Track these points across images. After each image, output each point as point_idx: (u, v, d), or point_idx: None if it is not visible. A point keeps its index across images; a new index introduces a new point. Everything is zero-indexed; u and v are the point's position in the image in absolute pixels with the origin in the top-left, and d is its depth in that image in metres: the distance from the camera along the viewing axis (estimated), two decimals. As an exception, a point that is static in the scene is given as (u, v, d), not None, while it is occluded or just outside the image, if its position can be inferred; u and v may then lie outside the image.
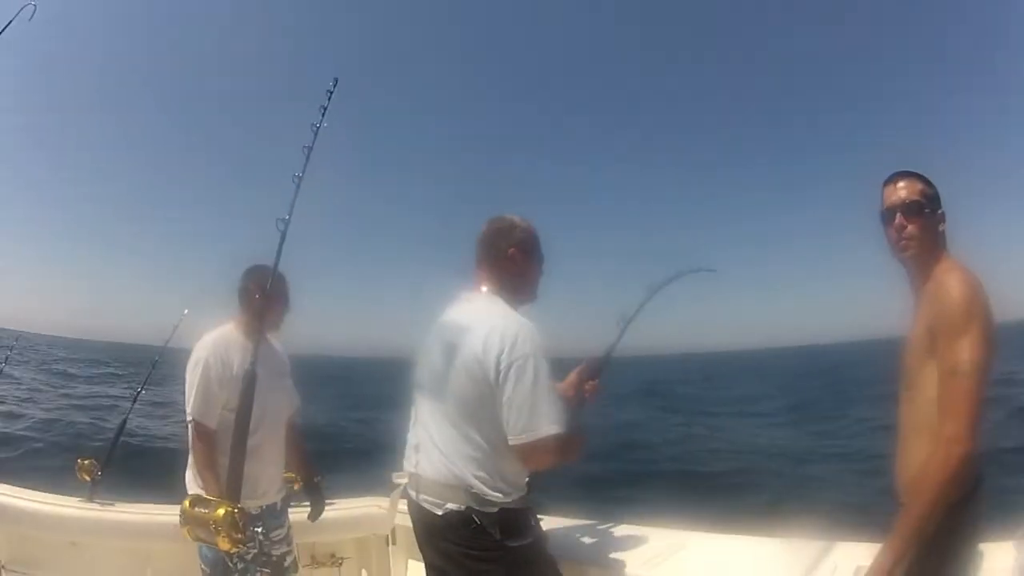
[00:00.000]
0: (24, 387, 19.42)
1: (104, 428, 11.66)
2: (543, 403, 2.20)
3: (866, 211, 2.25)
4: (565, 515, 3.47)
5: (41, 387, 20.78)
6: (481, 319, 2.34)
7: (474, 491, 2.26)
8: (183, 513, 2.59)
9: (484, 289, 2.46)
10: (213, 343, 3.04)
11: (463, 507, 2.26)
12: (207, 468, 2.88)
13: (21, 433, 12.02)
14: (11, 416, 13.86)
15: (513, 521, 2.30)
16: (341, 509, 3.82)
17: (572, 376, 2.82)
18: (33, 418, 14.03)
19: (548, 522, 3.36)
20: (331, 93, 2.81)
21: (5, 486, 4.17)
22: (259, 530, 2.55)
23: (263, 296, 2.98)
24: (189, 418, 2.97)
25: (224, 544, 2.50)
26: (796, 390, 29.48)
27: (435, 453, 2.35)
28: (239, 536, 2.49)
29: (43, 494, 4.09)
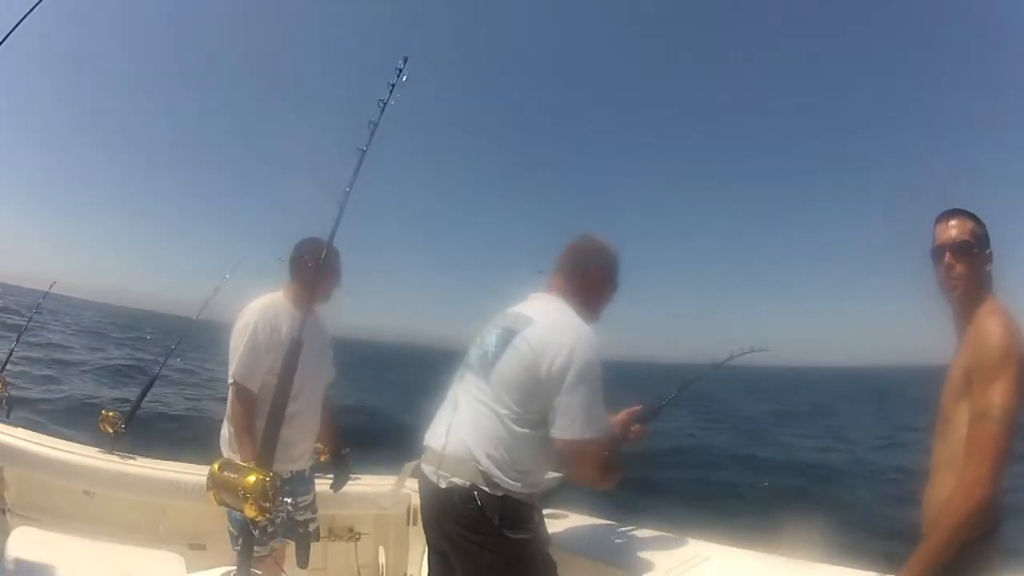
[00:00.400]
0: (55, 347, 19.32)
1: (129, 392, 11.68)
2: (595, 410, 2.27)
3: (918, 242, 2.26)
4: (590, 514, 3.45)
5: (73, 347, 20.71)
6: (548, 317, 2.39)
7: (482, 469, 2.25)
8: (211, 476, 2.53)
9: (554, 293, 2.52)
10: (263, 308, 3.05)
11: (467, 483, 2.27)
12: (245, 431, 2.87)
13: (42, 394, 11.94)
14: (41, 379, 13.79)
15: (514, 511, 2.29)
16: (364, 485, 3.81)
17: (623, 415, 2.82)
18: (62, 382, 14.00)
19: (572, 520, 3.35)
20: (400, 71, 2.75)
21: (23, 430, 4.18)
22: (288, 500, 2.52)
23: (316, 267, 2.96)
24: (231, 379, 2.96)
25: (251, 511, 2.44)
26: (840, 410, 28.94)
27: (459, 429, 2.36)
28: (267, 505, 2.44)
29: (62, 441, 4.13)
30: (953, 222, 2.16)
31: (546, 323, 2.36)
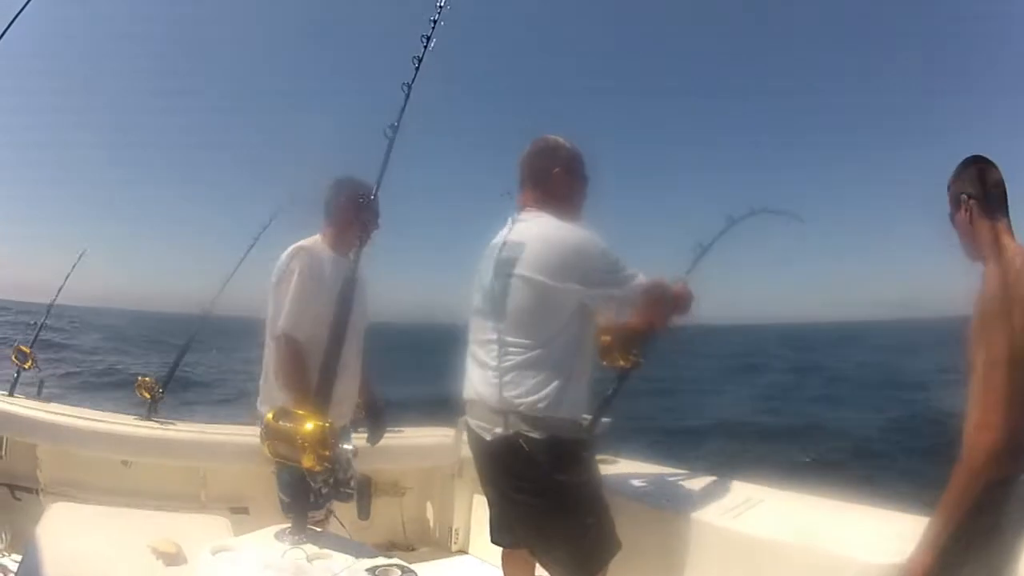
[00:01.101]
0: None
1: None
2: (622, 266, 2.29)
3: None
4: (641, 461, 3.41)
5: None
6: (535, 234, 2.34)
7: (522, 412, 2.20)
8: (266, 426, 2.42)
9: (531, 208, 2.45)
10: (305, 253, 2.90)
11: (511, 432, 2.22)
12: (299, 388, 2.70)
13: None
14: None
15: (564, 452, 2.24)
16: (407, 438, 3.74)
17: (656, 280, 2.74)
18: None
19: (622, 466, 3.32)
20: (442, 7, 2.69)
21: (56, 404, 4.12)
22: (349, 447, 2.44)
23: (354, 207, 2.83)
24: (280, 331, 2.81)
25: (309, 461, 2.33)
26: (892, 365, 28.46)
27: (487, 375, 2.31)
28: (326, 454, 2.36)
29: (96, 412, 4.04)
30: (952, 177, 2.19)
31: (536, 242, 2.31)
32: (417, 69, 2.62)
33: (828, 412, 15.84)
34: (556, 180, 2.46)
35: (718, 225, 3.13)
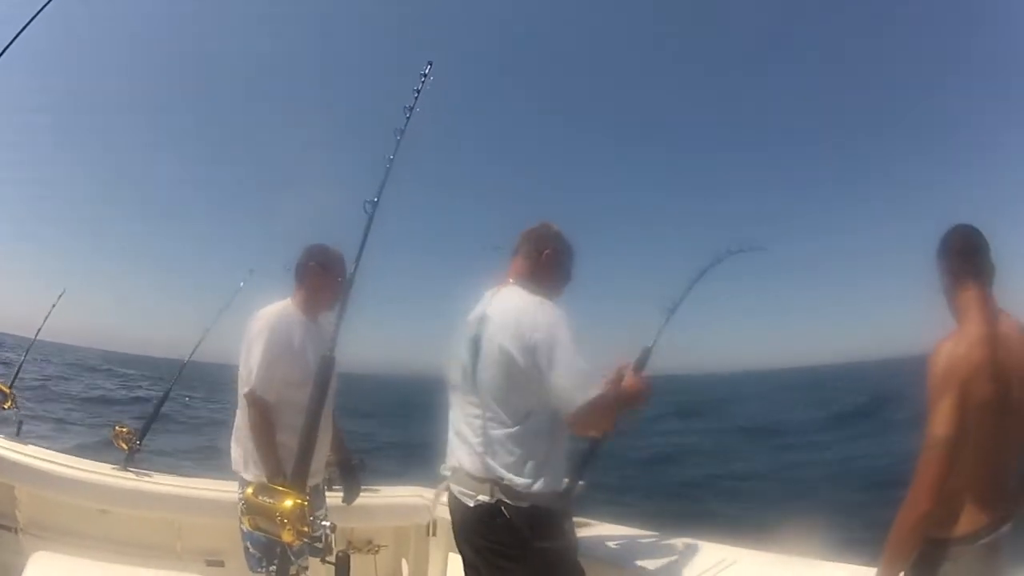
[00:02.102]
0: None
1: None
2: (582, 370, 2.27)
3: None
4: (615, 522, 3.44)
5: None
6: (503, 308, 2.40)
7: (504, 482, 2.26)
8: (246, 502, 2.48)
9: (510, 281, 2.53)
10: (275, 316, 2.99)
11: (493, 500, 2.27)
12: (268, 445, 2.80)
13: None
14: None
15: (544, 519, 2.29)
16: (382, 497, 3.77)
17: (612, 374, 2.68)
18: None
19: (597, 528, 3.34)
20: (425, 75, 2.75)
21: (34, 447, 4.12)
22: (326, 524, 2.50)
23: (323, 273, 2.96)
24: (245, 389, 2.89)
25: (288, 537, 2.37)
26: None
27: (469, 446, 2.37)
28: (305, 529, 2.41)
29: (76, 459, 4.05)
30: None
31: (503, 316, 2.37)
32: (399, 142, 2.69)
33: (794, 460, 15.72)
34: (544, 262, 2.55)
35: (685, 276, 3.15)
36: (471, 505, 2.34)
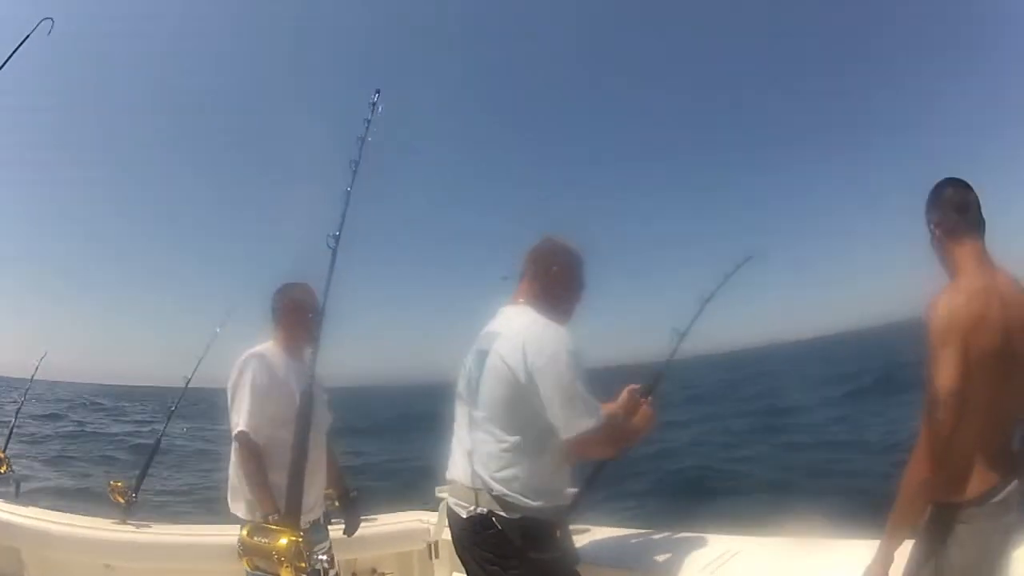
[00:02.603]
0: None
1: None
2: (581, 399, 2.26)
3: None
4: (616, 525, 3.44)
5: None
6: (511, 326, 2.41)
7: (495, 494, 2.28)
8: (242, 543, 2.52)
9: (521, 301, 2.52)
10: (256, 359, 3.00)
11: (485, 511, 2.29)
12: (260, 484, 2.80)
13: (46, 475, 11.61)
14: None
15: (537, 530, 2.30)
16: (382, 524, 3.78)
17: (623, 395, 2.75)
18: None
19: (595, 533, 3.34)
20: (374, 104, 2.76)
21: (35, 509, 4.13)
22: (323, 558, 2.51)
23: (297, 313, 2.98)
24: (236, 431, 2.90)
25: (286, 574, 2.44)
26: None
27: (466, 458, 2.39)
28: (303, 566, 2.43)
29: (75, 516, 4.07)
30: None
31: (511, 333, 2.38)
32: (355, 172, 2.70)
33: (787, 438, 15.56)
34: (552, 279, 2.52)
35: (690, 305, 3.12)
36: (464, 516, 2.37)
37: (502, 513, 2.27)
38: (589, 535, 3.32)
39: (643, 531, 3.33)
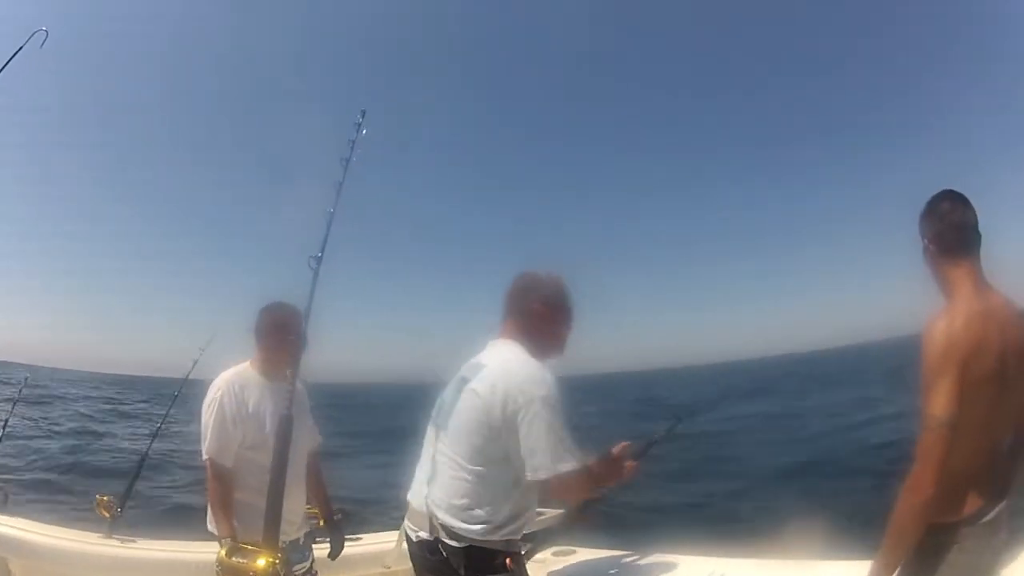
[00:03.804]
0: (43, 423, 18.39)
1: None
2: (561, 443, 2.23)
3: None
4: (599, 547, 3.43)
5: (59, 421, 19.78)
6: (497, 361, 2.38)
7: (443, 522, 2.27)
8: (220, 563, 2.53)
9: (508, 340, 2.48)
10: (228, 381, 3.01)
11: (431, 537, 2.29)
12: (221, 507, 2.82)
13: (38, 474, 11.55)
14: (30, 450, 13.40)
15: (482, 560, 2.28)
16: (366, 544, 3.78)
17: (615, 451, 2.69)
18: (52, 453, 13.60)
19: (581, 555, 3.33)
20: (359, 126, 2.75)
21: (23, 520, 4.14)
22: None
23: (278, 334, 2.96)
24: (205, 456, 2.92)
25: None
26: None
27: (426, 484, 2.38)
28: None
29: (62, 529, 4.09)
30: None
31: (494, 368, 2.35)
32: (338, 194, 2.70)
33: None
34: (536, 316, 2.47)
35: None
36: (415, 540, 2.38)
37: (448, 541, 2.27)
38: (575, 556, 3.31)
39: (626, 552, 3.32)
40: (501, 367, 2.34)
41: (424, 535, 2.32)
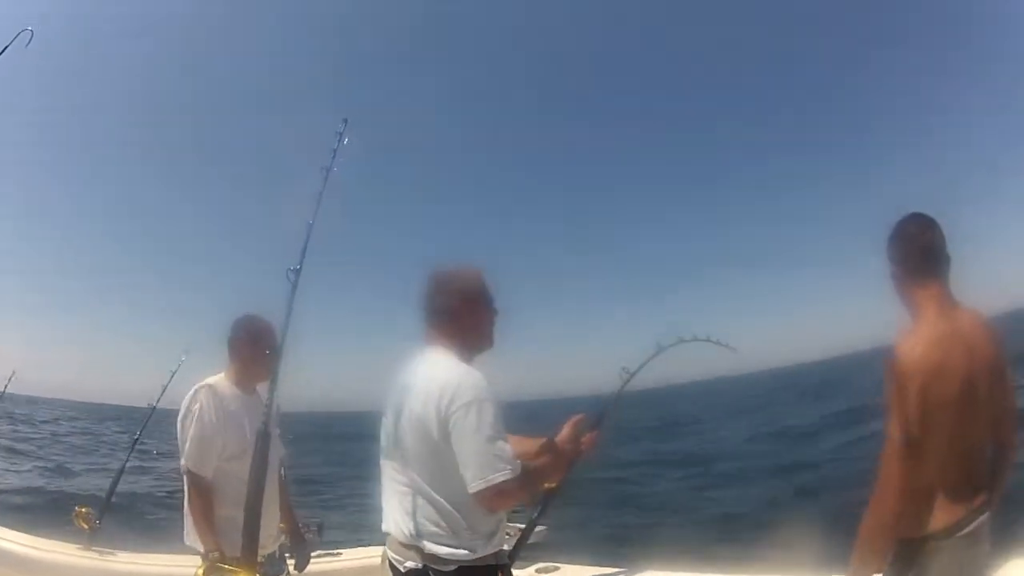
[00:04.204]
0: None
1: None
2: (492, 451, 2.13)
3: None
4: (587, 564, 3.38)
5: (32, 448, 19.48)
6: (422, 376, 2.28)
7: (428, 551, 2.20)
8: None
9: (433, 344, 2.37)
10: (205, 393, 2.95)
11: (420, 565, 2.22)
12: (203, 520, 2.76)
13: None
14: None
15: None
16: (344, 560, 3.74)
17: (567, 428, 2.60)
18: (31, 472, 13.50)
19: (568, 571, 3.28)
20: (341, 135, 2.70)
21: (3, 528, 4.09)
22: None
23: (252, 346, 2.92)
24: (184, 468, 2.86)
25: None
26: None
27: (396, 513, 2.30)
28: None
29: (39, 539, 4.04)
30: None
31: (421, 384, 2.25)
32: (319, 203, 2.64)
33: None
34: (455, 314, 2.36)
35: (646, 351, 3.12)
36: (403, 571, 2.29)
37: (437, 567, 2.20)
38: (559, 573, 3.26)
39: (616, 570, 3.27)
40: (427, 382, 2.24)
41: (412, 564, 2.24)
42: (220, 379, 3.03)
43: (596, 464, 2.78)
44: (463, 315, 2.36)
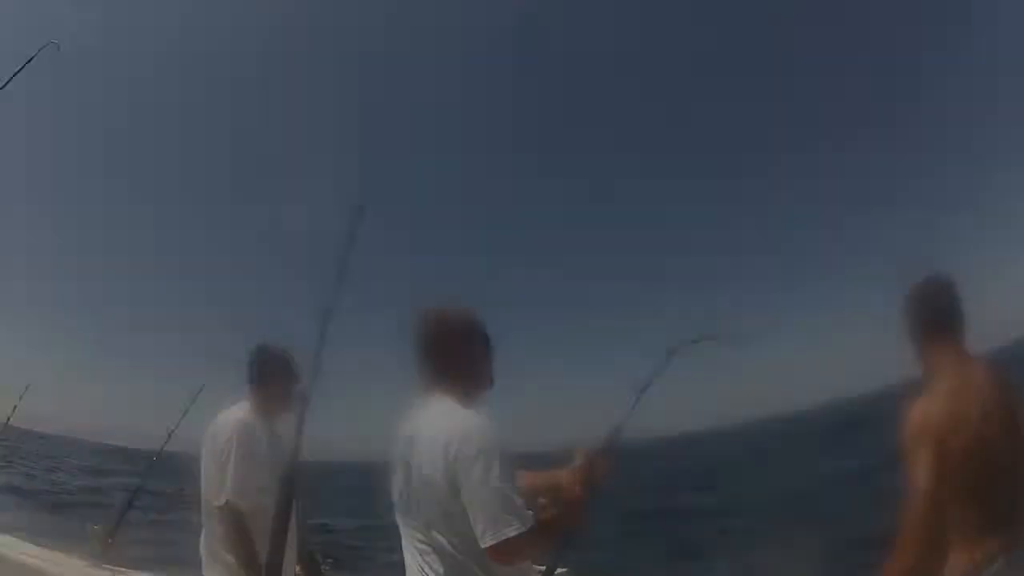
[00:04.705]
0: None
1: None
2: (500, 503, 2.03)
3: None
4: None
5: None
6: (425, 428, 2.19)
7: None
8: None
9: (434, 392, 2.27)
10: (242, 425, 2.93)
11: None
12: (250, 555, 2.74)
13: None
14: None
15: None
16: None
17: (579, 458, 2.47)
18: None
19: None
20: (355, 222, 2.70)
21: (10, 538, 4.14)
22: None
23: (279, 378, 2.93)
24: (219, 501, 2.82)
25: None
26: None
27: (416, 570, 2.22)
28: None
29: (53, 552, 4.09)
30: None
31: (426, 438, 2.16)
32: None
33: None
34: (452, 358, 2.27)
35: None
36: None
37: None
38: None
39: None
40: (432, 434, 2.15)
41: None
42: (247, 411, 3.00)
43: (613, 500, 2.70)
44: (457, 358, 2.28)
